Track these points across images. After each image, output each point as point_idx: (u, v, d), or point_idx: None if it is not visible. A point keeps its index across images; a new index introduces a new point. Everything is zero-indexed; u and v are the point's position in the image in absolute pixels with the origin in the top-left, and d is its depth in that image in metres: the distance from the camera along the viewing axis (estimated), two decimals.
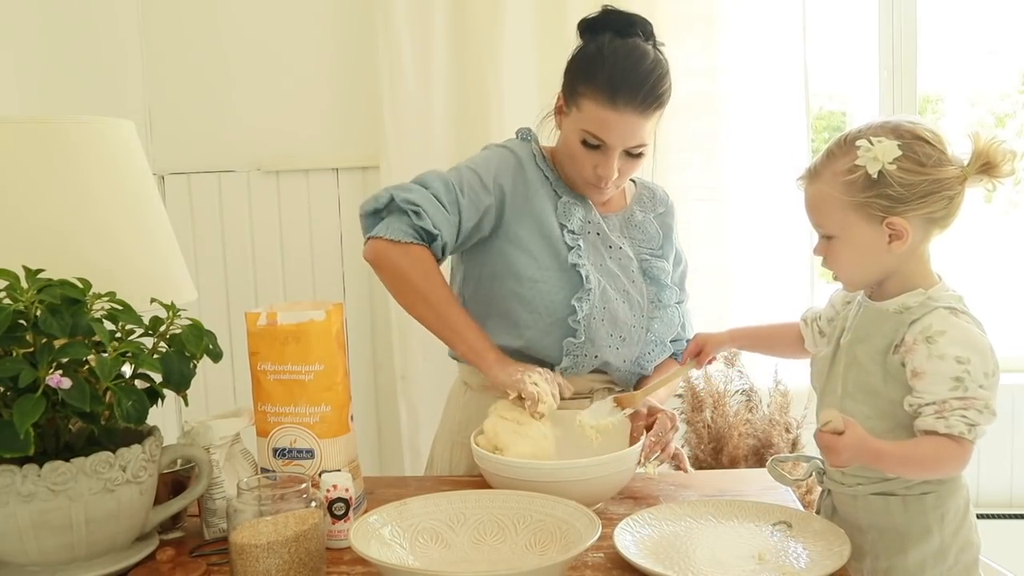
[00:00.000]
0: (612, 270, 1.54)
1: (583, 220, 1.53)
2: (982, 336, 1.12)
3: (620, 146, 1.45)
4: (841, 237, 1.17)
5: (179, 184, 2.51)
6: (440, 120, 2.36)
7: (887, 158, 1.10)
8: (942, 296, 1.16)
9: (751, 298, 2.34)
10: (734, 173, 2.32)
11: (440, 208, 1.45)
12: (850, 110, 2.71)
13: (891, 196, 1.11)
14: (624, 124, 1.42)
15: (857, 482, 1.20)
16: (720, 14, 2.25)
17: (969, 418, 1.09)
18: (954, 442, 1.09)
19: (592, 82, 1.43)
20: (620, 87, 1.41)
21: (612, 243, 1.56)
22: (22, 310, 1.04)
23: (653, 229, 1.62)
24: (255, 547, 1.02)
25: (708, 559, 1.12)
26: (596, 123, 1.43)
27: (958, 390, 1.09)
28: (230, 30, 2.47)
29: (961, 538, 1.15)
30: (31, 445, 1.00)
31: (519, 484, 1.22)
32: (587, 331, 1.48)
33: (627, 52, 1.44)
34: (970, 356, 1.10)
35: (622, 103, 1.41)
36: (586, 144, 1.46)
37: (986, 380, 1.10)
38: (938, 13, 2.49)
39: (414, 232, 1.44)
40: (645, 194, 1.67)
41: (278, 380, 1.24)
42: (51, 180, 1.30)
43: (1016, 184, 2.60)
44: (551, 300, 1.48)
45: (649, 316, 1.56)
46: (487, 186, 1.50)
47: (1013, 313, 2.58)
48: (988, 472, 2.46)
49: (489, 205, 1.49)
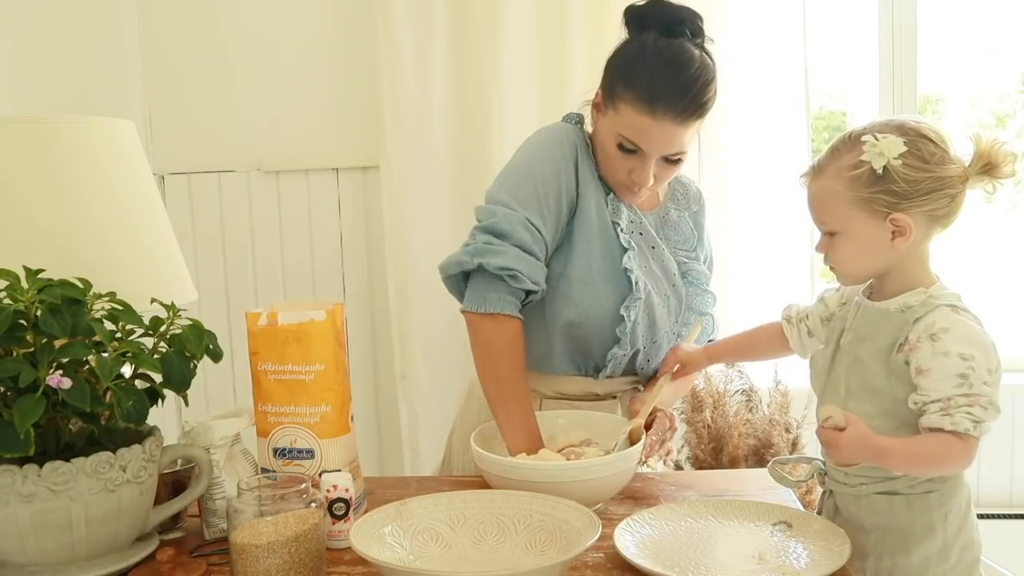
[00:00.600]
0: (656, 272, 1.50)
1: (629, 219, 1.49)
2: (984, 333, 1.13)
3: (657, 153, 1.40)
4: (844, 233, 1.18)
5: (179, 184, 2.51)
6: (440, 120, 2.36)
7: (892, 154, 1.11)
8: (943, 294, 1.16)
9: (751, 297, 2.34)
10: (734, 172, 2.32)
11: (533, 262, 1.40)
12: (850, 110, 2.71)
13: (895, 192, 1.12)
14: (663, 132, 1.37)
15: (860, 482, 1.20)
16: (720, 14, 2.25)
17: (974, 415, 1.09)
18: (959, 439, 1.09)
19: (631, 87, 1.37)
20: (660, 95, 1.35)
21: (655, 243, 1.51)
22: (22, 310, 1.04)
23: (688, 229, 1.57)
24: (255, 547, 1.02)
25: (708, 559, 1.12)
26: (633, 129, 1.38)
27: (963, 387, 1.09)
28: (230, 30, 2.47)
29: (963, 537, 1.15)
30: (31, 445, 1.00)
31: (519, 484, 1.22)
32: (632, 339, 1.45)
33: (671, 57, 1.38)
34: (974, 353, 1.10)
35: (661, 112, 1.36)
36: (622, 148, 1.41)
37: (990, 377, 1.10)
38: (938, 13, 2.49)
39: (513, 299, 1.40)
40: (679, 190, 1.61)
41: (278, 380, 1.24)
42: (51, 180, 1.30)
43: (1016, 184, 2.60)
44: (600, 305, 1.44)
45: (683, 322, 1.54)
46: (560, 199, 1.44)
47: (1013, 313, 2.58)
48: (988, 472, 2.46)
49: (563, 218, 1.45)
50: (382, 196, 2.39)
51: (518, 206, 1.41)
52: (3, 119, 1.35)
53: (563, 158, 1.45)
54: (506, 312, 1.40)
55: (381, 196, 2.40)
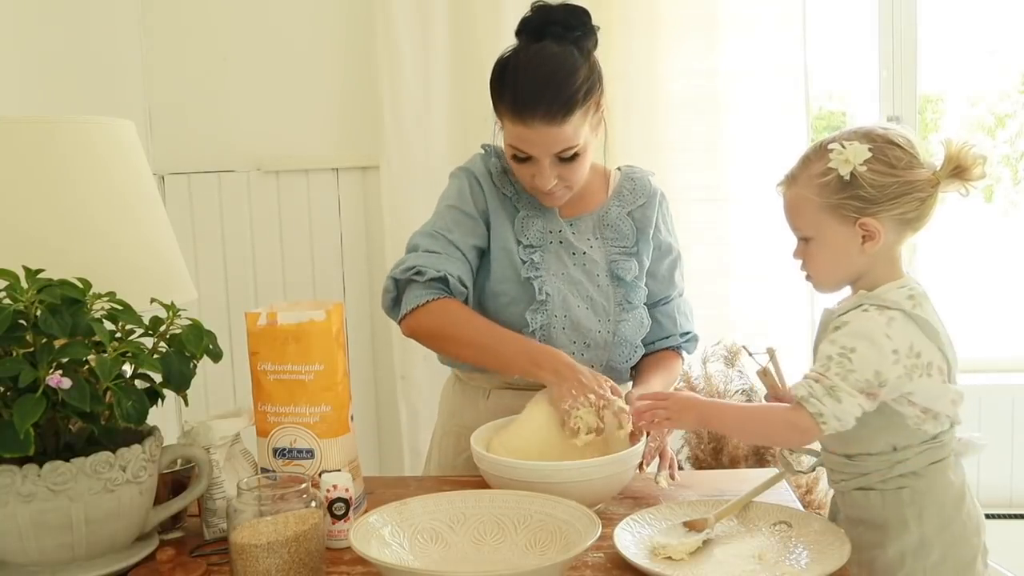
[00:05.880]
0: (575, 277, 1.52)
1: (543, 231, 1.53)
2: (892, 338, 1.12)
3: (545, 156, 1.41)
4: (817, 239, 1.20)
5: (179, 184, 2.51)
6: (440, 120, 2.37)
7: (857, 160, 1.14)
8: (880, 296, 1.16)
9: (751, 297, 2.34)
10: (734, 173, 2.32)
11: (435, 255, 1.47)
12: (850, 110, 2.71)
13: (863, 197, 1.14)
14: (540, 135, 1.39)
15: (841, 478, 1.22)
16: (720, 14, 2.26)
17: (813, 390, 1.12)
18: (792, 410, 1.14)
19: (501, 99, 1.41)
20: (522, 101, 1.38)
21: (576, 249, 1.53)
22: (22, 310, 1.04)
23: (627, 227, 1.57)
24: (255, 547, 1.02)
25: (708, 559, 1.13)
26: (514, 138, 1.42)
27: (823, 367, 1.13)
28: (230, 30, 2.47)
29: (949, 535, 1.15)
30: (31, 445, 1.00)
31: (519, 485, 1.22)
32: (548, 341, 1.48)
33: (527, 62, 1.40)
34: (858, 347, 1.12)
35: (528, 117, 1.37)
36: (516, 158, 1.44)
37: (870, 378, 1.10)
38: (938, 13, 2.50)
39: (427, 290, 1.45)
40: (626, 186, 1.60)
41: (278, 380, 1.24)
42: (51, 180, 1.30)
43: (1016, 184, 2.60)
44: (510, 312, 1.49)
45: (616, 320, 1.52)
46: (469, 213, 1.52)
47: (1013, 313, 2.58)
48: (988, 472, 2.46)
49: (481, 226, 1.52)
50: (382, 196, 2.40)
51: (427, 228, 1.52)
52: (4, 119, 1.35)
53: (470, 189, 1.54)
54: (429, 299, 1.45)
55: (381, 196, 2.40)
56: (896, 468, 1.15)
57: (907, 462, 1.15)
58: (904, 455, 1.15)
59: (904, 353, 1.12)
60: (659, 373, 1.56)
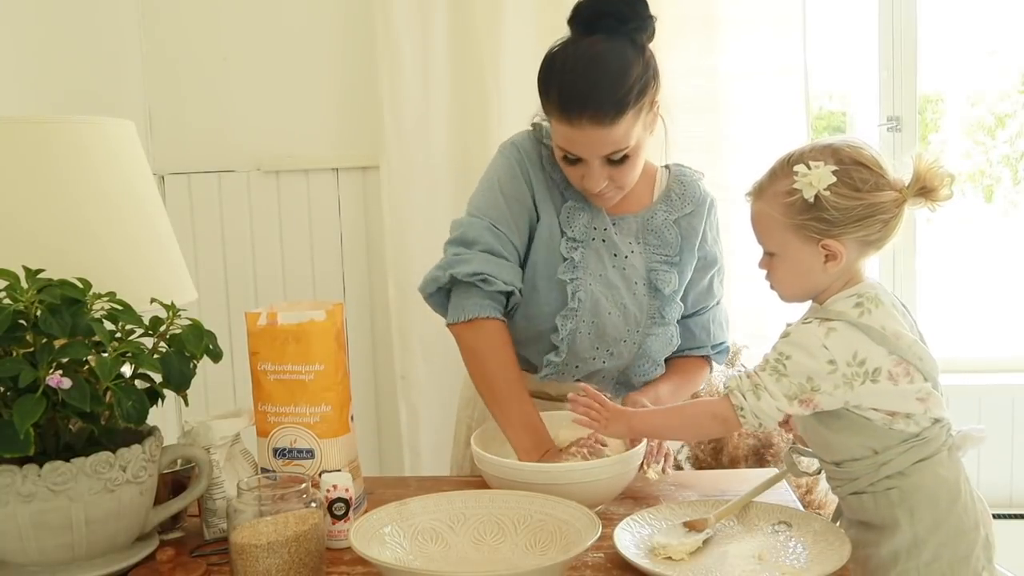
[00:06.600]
0: (613, 281, 1.46)
1: (588, 226, 1.46)
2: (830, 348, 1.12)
3: (595, 158, 1.34)
4: (780, 255, 1.21)
5: (179, 184, 2.51)
6: (440, 120, 2.36)
7: (821, 184, 1.13)
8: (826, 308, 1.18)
9: (751, 298, 2.34)
10: (734, 173, 2.32)
11: (502, 263, 1.42)
12: (850, 110, 2.71)
13: (826, 219, 1.14)
14: (589, 137, 1.31)
15: (836, 484, 1.23)
16: (720, 14, 2.25)
17: (741, 383, 1.16)
18: (719, 400, 1.19)
19: (548, 98, 1.34)
20: (570, 101, 1.30)
21: (619, 251, 1.47)
22: (22, 310, 1.04)
23: (672, 235, 1.49)
24: (255, 547, 1.02)
25: (708, 559, 1.13)
26: (563, 139, 1.35)
27: (758, 367, 1.17)
28: (230, 30, 2.47)
29: (943, 534, 1.15)
30: (31, 445, 1.00)
31: (519, 486, 1.22)
32: (570, 346, 1.44)
33: (576, 59, 1.32)
34: (793, 355, 1.14)
35: (576, 118, 1.30)
36: (566, 159, 1.38)
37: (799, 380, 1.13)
38: (938, 13, 2.50)
39: (488, 302, 1.42)
40: (675, 190, 1.52)
41: (278, 380, 1.24)
42: (51, 180, 1.30)
43: (1016, 184, 2.60)
44: (539, 310, 1.45)
45: (645, 332, 1.47)
46: (520, 199, 1.45)
47: (1013, 313, 2.58)
48: (988, 472, 2.46)
49: (530, 214, 1.46)
50: (382, 196, 2.39)
51: (483, 215, 1.45)
52: (3, 119, 1.35)
53: (520, 172, 1.47)
54: (484, 315, 1.41)
55: (381, 196, 2.40)
56: (881, 470, 1.15)
57: (891, 463, 1.15)
58: (886, 456, 1.15)
59: (844, 362, 1.12)
60: (671, 380, 1.52)
